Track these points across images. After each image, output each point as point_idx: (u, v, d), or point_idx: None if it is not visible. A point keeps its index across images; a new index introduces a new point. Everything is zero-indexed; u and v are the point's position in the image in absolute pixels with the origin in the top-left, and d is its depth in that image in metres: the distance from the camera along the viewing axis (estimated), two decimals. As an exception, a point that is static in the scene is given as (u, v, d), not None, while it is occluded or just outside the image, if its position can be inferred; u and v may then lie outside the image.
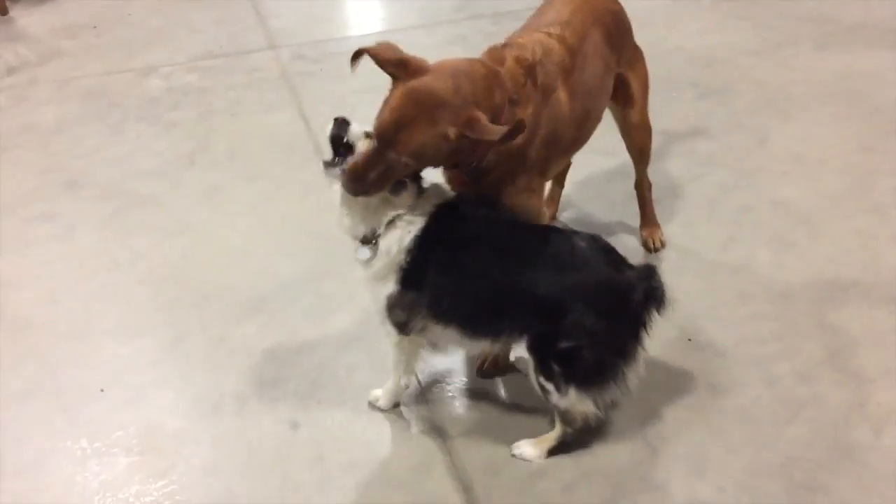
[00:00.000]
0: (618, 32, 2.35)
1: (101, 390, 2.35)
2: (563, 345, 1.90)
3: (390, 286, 2.00)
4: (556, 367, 1.93)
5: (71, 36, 4.56)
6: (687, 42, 4.13)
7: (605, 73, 2.27)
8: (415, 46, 1.93)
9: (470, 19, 4.53)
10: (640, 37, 4.15)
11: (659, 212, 2.87)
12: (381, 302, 2.03)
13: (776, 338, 2.38)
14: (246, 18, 4.70)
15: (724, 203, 2.95)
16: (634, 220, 2.81)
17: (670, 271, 2.62)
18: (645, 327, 1.94)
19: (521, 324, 1.95)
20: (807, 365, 2.28)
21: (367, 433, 2.18)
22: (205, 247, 2.90)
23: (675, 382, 2.25)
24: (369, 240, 1.98)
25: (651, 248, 2.71)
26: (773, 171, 3.11)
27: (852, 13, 4.25)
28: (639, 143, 2.62)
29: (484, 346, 2.11)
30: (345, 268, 2.71)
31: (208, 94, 3.91)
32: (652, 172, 3.09)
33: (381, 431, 2.19)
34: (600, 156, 2.95)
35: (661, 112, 3.49)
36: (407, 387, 2.21)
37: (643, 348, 1.96)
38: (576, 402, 1.96)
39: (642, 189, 2.74)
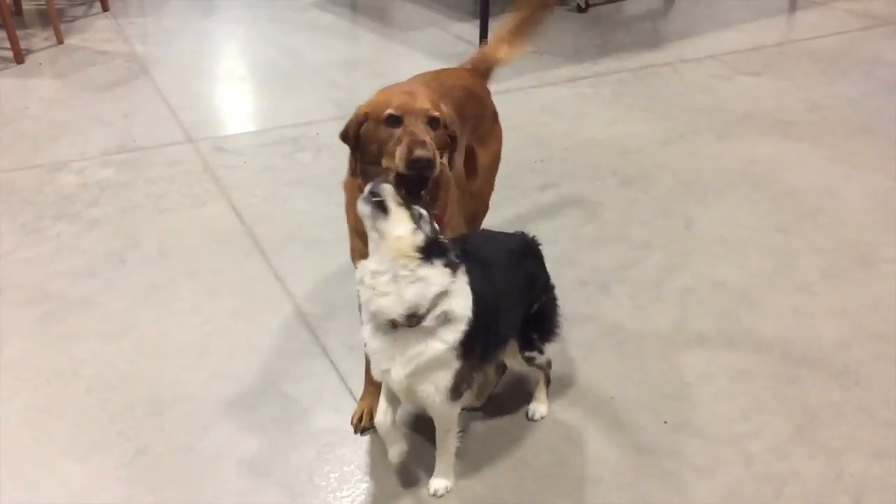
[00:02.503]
0: (469, 106, 2.55)
1: (62, 515, 2.16)
2: (534, 311, 2.24)
3: (452, 367, 1.93)
4: (534, 336, 2.26)
5: (-34, 130, 4.31)
6: (598, 132, 4.34)
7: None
8: (331, 137, 1.99)
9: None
10: (556, 128, 4.40)
11: (609, 295, 2.98)
12: (441, 388, 1.94)
13: (744, 416, 2.47)
14: (157, 111, 4.59)
15: (667, 285, 3.08)
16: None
17: (631, 353, 2.71)
18: None
19: (523, 306, 2.22)
20: (778, 441, 2.38)
21: (364, 540, 2.10)
22: (154, 349, 2.75)
23: (660, 466, 2.30)
24: (416, 320, 1.86)
25: None
26: (705, 252, 3.29)
27: (742, 105, 4.61)
28: (472, 210, 2.75)
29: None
30: (309, 364, 2.66)
31: (129, 189, 3.77)
32: (595, 258, 3.22)
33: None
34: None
35: (591, 199, 3.68)
36: None
37: None
38: (548, 349, 2.33)
39: None
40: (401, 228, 1.86)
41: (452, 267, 1.89)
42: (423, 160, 1.92)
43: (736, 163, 3.99)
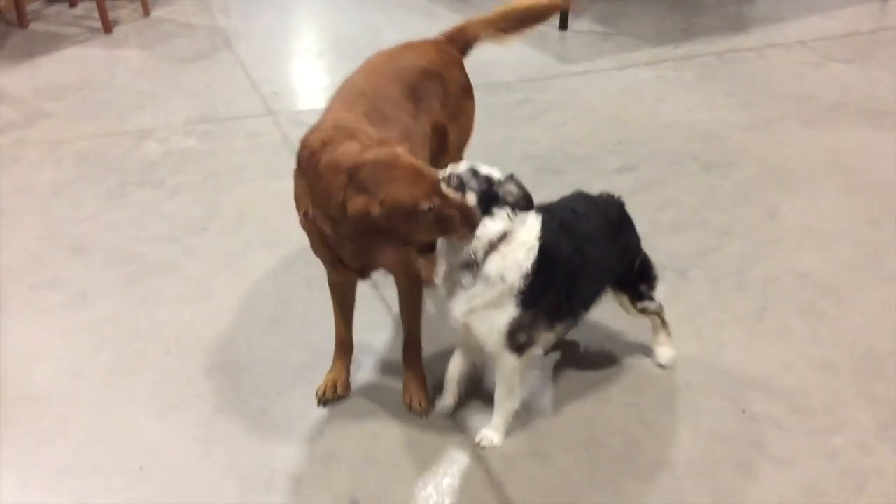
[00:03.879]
0: (426, 88, 2.47)
1: (141, 468, 2.21)
2: (637, 266, 2.40)
3: (508, 311, 2.05)
4: (642, 287, 2.41)
5: (57, 97, 4.44)
6: (680, 117, 4.24)
7: (411, 122, 2.36)
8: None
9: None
10: (636, 111, 4.31)
11: (687, 281, 2.91)
12: (494, 330, 2.07)
13: (827, 409, 2.39)
14: (238, 83, 4.66)
15: (748, 273, 2.99)
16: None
17: (710, 340, 2.65)
18: None
19: (610, 282, 2.36)
20: (862, 436, 2.30)
21: (433, 511, 2.10)
22: (230, 314, 2.80)
23: (737, 455, 2.24)
24: (471, 265, 2.03)
25: None
26: (789, 242, 3.18)
27: (831, 93, 4.45)
28: None
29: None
30: (381, 335, 2.67)
31: (210, 159, 3.84)
32: (673, 243, 3.15)
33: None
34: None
35: (669, 184, 3.59)
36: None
37: None
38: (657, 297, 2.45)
39: None
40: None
41: (508, 217, 2.02)
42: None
43: (824, 152, 3.86)
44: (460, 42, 2.73)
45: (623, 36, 5.28)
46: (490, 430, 2.26)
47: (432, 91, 2.51)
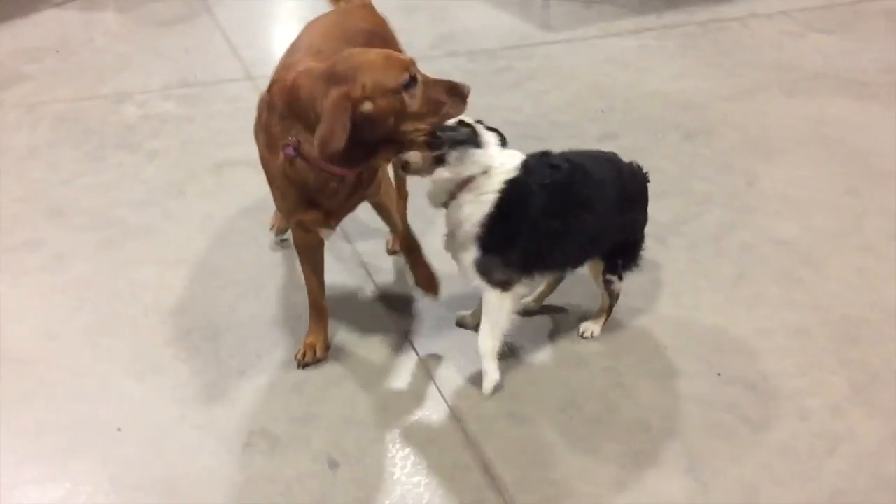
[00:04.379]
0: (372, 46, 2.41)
1: (119, 429, 2.21)
2: (629, 241, 2.40)
3: (472, 252, 2.18)
4: (619, 261, 2.40)
5: (33, 60, 4.38)
6: (662, 86, 4.23)
7: None
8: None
9: (447, 56, 4.54)
10: (619, 79, 4.31)
11: (667, 247, 2.93)
12: (466, 268, 2.22)
13: (801, 372, 2.42)
14: (217, 48, 4.61)
15: (727, 240, 3.01)
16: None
17: (688, 306, 2.67)
18: None
19: (607, 244, 2.35)
20: (835, 399, 2.33)
21: (411, 471, 2.11)
22: (210, 278, 2.79)
23: (712, 417, 2.27)
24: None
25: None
26: (767, 210, 3.20)
27: (813, 63, 4.45)
28: None
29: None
30: (361, 299, 2.67)
31: (189, 123, 3.80)
32: (654, 210, 3.14)
33: (425, 467, 2.12)
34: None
35: (651, 152, 3.59)
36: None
37: None
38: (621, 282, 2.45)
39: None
40: None
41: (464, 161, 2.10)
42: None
43: (804, 122, 3.87)
44: None
45: (606, 4, 5.25)
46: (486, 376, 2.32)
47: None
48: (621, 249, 2.41)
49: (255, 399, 2.31)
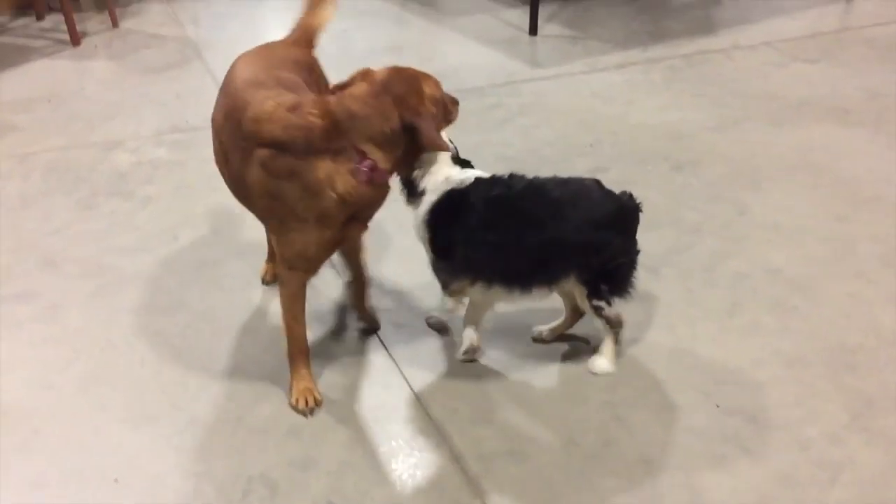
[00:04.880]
0: (304, 74, 2.55)
1: (116, 480, 2.20)
2: (609, 266, 2.37)
3: (425, 250, 2.42)
4: (603, 287, 2.39)
5: (25, 110, 4.40)
6: (648, 118, 4.28)
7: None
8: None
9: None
10: (606, 112, 4.36)
11: (659, 278, 2.94)
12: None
13: (799, 402, 2.42)
14: (209, 92, 4.56)
15: (719, 270, 3.03)
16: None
17: (682, 336, 2.68)
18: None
19: (568, 266, 2.36)
20: (834, 427, 2.33)
21: (411, 514, 2.10)
22: (204, 324, 2.79)
23: (712, 449, 2.26)
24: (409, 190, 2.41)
25: None
26: (758, 239, 3.22)
27: (798, 93, 4.51)
28: None
29: (539, 295, 2.44)
30: (358, 343, 2.67)
31: (181, 169, 3.82)
32: (645, 241, 3.16)
33: (426, 511, 2.11)
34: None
35: (641, 184, 3.58)
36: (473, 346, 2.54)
37: None
38: (617, 307, 2.44)
39: None
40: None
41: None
42: None
43: (791, 150, 3.91)
44: (306, 40, 2.78)
45: (592, 40, 5.33)
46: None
47: (311, 79, 2.58)
48: (605, 274, 2.39)
49: (252, 444, 2.30)
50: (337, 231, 2.24)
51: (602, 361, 2.53)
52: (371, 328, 2.71)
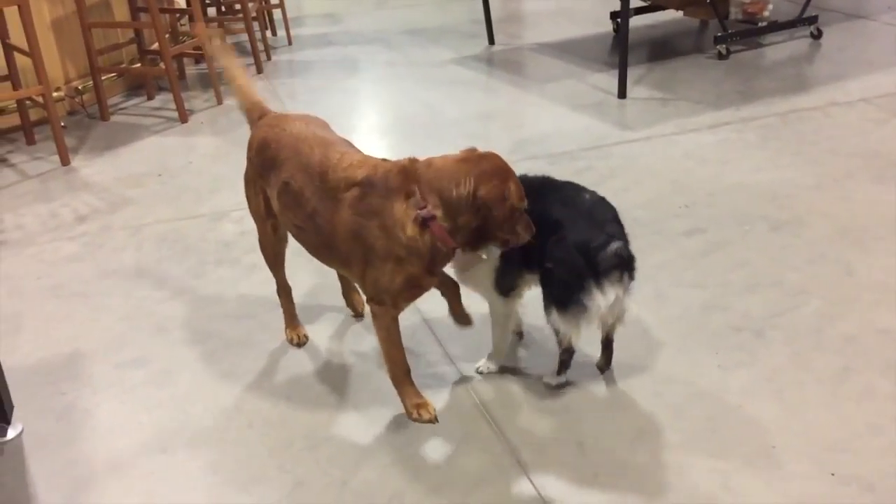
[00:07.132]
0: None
1: (226, 542, 2.25)
2: (546, 265, 2.45)
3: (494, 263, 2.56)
4: (545, 294, 2.49)
5: (137, 185, 4.65)
6: (745, 178, 4.23)
7: None
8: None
9: (527, 159, 4.63)
10: (700, 173, 4.33)
11: (764, 341, 2.87)
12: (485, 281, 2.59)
13: (920, 469, 2.31)
14: (307, 164, 4.80)
15: (827, 332, 2.94)
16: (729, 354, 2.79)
17: (792, 402, 2.60)
18: (605, 276, 2.36)
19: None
20: (962, 498, 2.21)
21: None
22: (308, 388, 2.85)
23: (829, 519, 2.17)
24: None
25: None
26: (867, 300, 3.12)
27: (899, 148, 4.39)
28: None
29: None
30: (456, 408, 2.68)
31: (283, 237, 3.94)
32: (747, 303, 3.11)
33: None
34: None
35: (739, 244, 3.57)
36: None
37: (601, 294, 2.36)
38: (559, 321, 2.46)
39: None
40: None
41: None
42: None
43: (895, 208, 3.79)
44: (257, 115, 3.04)
45: (682, 101, 5.32)
46: (482, 361, 2.82)
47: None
48: (545, 274, 2.49)
49: (356, 509, 2.32)
50: (417, 273, 2.40)
51: (551, 377, 2.68)
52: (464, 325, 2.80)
